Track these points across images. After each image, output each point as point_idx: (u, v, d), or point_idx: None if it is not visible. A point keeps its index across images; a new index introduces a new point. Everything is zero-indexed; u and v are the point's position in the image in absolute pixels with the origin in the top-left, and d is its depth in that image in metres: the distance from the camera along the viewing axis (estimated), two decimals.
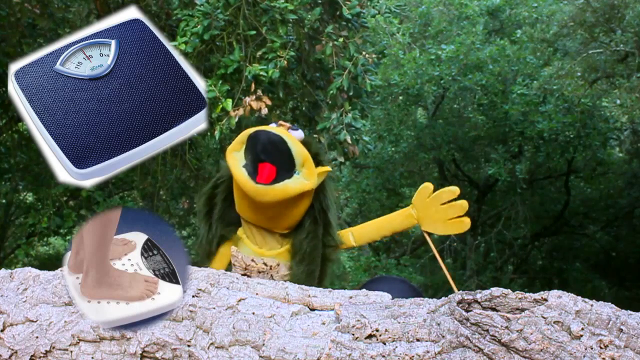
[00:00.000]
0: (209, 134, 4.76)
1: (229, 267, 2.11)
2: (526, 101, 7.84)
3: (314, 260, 2.02)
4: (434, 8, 8.82)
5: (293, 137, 1.95)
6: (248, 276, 2.00)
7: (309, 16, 4.29)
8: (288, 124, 2.02)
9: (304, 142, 2.01)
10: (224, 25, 4.21)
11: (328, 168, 2.04)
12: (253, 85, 4.10)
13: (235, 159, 1.95)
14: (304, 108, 5.44)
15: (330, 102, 4.58)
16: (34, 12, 5.22)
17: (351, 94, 4.37)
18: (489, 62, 7.99)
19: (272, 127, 1.98)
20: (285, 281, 1.97)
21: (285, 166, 1.91)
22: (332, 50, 4.28)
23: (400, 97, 8.76)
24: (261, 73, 4.07)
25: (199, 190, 6.47)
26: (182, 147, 5.47)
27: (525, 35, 8.45)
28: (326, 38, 4.31)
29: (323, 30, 4.41)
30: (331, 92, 4.27)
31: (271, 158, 1.89)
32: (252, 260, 2.04)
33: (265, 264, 2.03)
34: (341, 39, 4.27)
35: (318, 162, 2.02)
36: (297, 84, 5.02)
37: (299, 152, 1.92)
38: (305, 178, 1.93)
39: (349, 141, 4.20)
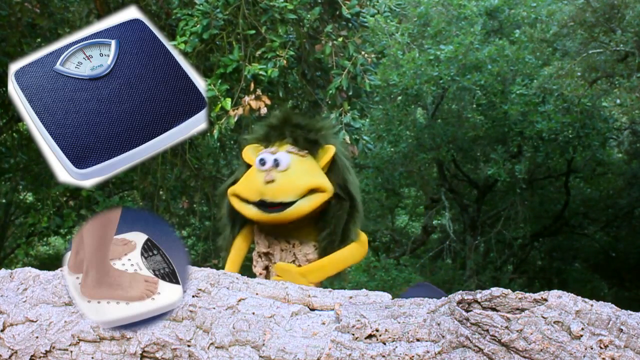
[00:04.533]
0: (208, 133, 4.76)
1: (250, 250, 2.15)
2: (525, 101, 7.83)
3: (336, 230, 2.04)
4: (432, 8, 8.82)
5: (282, 183, 1.96)
6: (271, 255, 2.06)
7: (309, 16, 4.29)
8: (273, 169, 1.99)
9: (296, 135, 2.04)
10: (224, 25, 4.21)
11: (332, 149, 2.06)
12: (252, 85, 4.10)
13: (238, 200, 2.02)
14: (303, 107, 5.44)
15: (329, 101, 4.58)
16: (34, 11, 5.22)
17: (350, 93, 4.37)
18: (487, 63, 7.98)
19: (261, 189, 1.97)
20: (308, 261, 2.04)
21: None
22: (332, 50, 4.28)
23: (400, 97, 8.76)
24: (260, 72, 4.07)
25: (199, 190, 6.49)
26: (182, 146, 5.47)
27: (525, 35, 8.44)
28: (325, 38, 4.31)
29: (322, 29, 4.41)
30: (330, 91, 4.27)
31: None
32: (275, 239, 2.07)
33: (288, 242, 2.07)
34: (340, 39, 4.27)
35: (317, 143, 2.05)
36: (297, 84, 5.02)
37: (297, 192, 1.95)
38: (317, 193, 1.98)
39: (348, 141, 4.20)
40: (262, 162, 2.00)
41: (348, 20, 4.43)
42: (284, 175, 1.97)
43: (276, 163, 1.99)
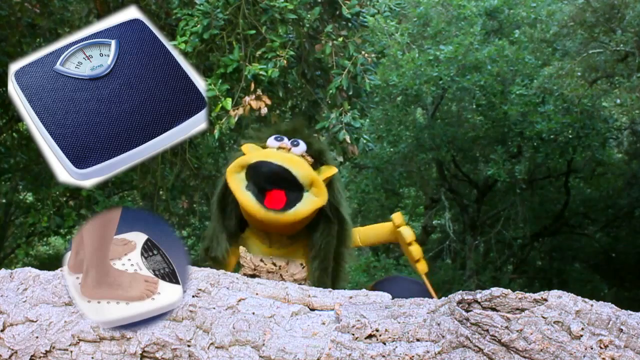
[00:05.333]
0: (208, 133, 4.76)
1: (236, 269, 2.06)
2: (525, 101, 7.83)
3: (328, 256, 1.98)
4: (432, 8, 8.82)
5: (296, 161, 1.88)
6: (258, 277, 1.97)
7: (309, 16, 4.29)
8: (288, 144, 1.95)
9: (308, 144, 1.97)
10: (224, 25, 4.21)
11: (334, 169, 2.00)
12: (253, 85, 4.10)
13: (237, 180, 1.88)
14: (303, 107, 5.44)
15: (329, 101, 4.58)
16: (34, 11, 5.22)
17: (350, 93, 4.37)
18: (487, 63, 7.98)
19: (272, 153, 1.89)
20: (295, 281, 1.96)
21: (294, 189, 1.85)
22: (332, 50, 4.28)
23: (399, 98, 8.77)
24: (261, 72, 4.07)
25: (199, 189, 6.49)
26: (182, 146, 5.47)
27: (524, 35, 8.45)
28: (325, 37, 4.31)
29: (322, 29, 4.41)
30: (330, 91, 4.27)
31: (278, 186, 1.84)
32: (261, 261, 1.99)
33: (275, 264, 2.00)
34: (340, 39, 4.27)
35: (322, 162, 1.99)
36: (297, 84, 5.02)
37: (305, 175, 1.85)
38: (315, 195, 1.87)
39: (348, 140, 4.20)
40: (279, 138, 1.94)
41: (348, 20, 4.44)
42: (298, 158, 1.90)
43: (295, 143, 1.94)
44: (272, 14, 4.15)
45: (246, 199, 1.85)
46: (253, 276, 2.00)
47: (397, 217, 2.12)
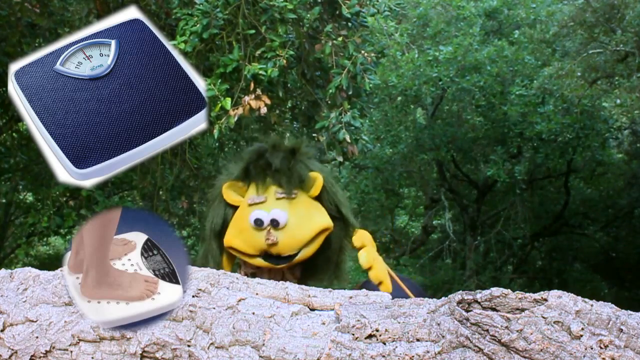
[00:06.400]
0: (208, 133, 4.76)
1: (234, 269, 2.10)
2: (525, 102, 7.83)
3: (335, 250, 2.05)
4: (431, 9, 8.82)
5: (297, 234, 1.94)
6: (259, 276, 1.97)
7: (308, 15, 4.29)
8: (273, 232, 1.93)
9: (284, 157, 1.99)
10: (223, 25, 4.21)
11: (320, 177, 2.01)
12: (252, 85, 4.10)
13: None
14: (303, 107, 5.44)
15: (329, 101, 4.58)
16: (34, 11, 5.22)
17: (350, 93, 4.37)
18: (487, 64, 7.98)
19: (264, 245, 1.93)
20: (295, 278, 2.01)
21: None
22: (332, 50, 4.28)
23: (399, 98, 8.77)
24: (260, 72, 4.07)
25: (198, 190, 6.48)
26: (182, 146, 5.47)
27: (524, 36, 8.45)
28: (325, 37, 4.31)
29: (322, 29, 4.41)
30: (330, 91, 4.27)
31: None
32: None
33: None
34: (340, 38, 4.28)
35: (302, 180, 1.99)
36: (296, 84, 5.02)
37: (308, 237, 1.94)
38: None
39: (348, 140, 4.20)
40: (259, 222, 1.94)
41: (348, 20, 4.44)
42: (285, 232, 1.93)
43: (275, 224, 1.94)
44: (271, 13, 4.16)
45: (254, 262, 1.97)
46: (254, 275, 2.01)
47: (357, 238, 2.06)
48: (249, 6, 4.36)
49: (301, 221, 1.95)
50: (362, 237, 2.07)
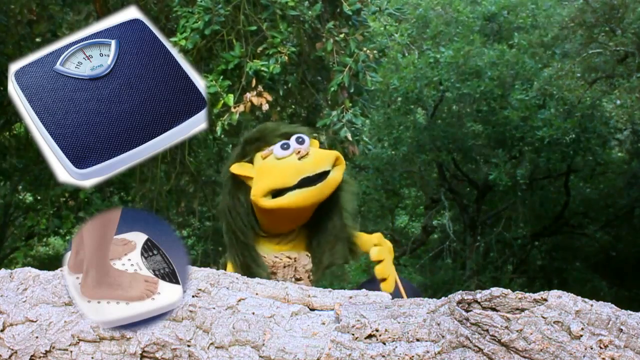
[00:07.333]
0: (209, 131, 4.75)
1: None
2: (525, 105, 7.83)
3: (332, 235, 2.07)
4: (431, 10, 8.83)
5: (319, 158, 1.96)
6: (275, 274, 2.04)
7: (310, 12, 4.28)
8: (301, 147, 1.98)
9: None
10: (224, 22, 4.20)
11: (316, 142, 2.09)
12: (254, 81, 4.09)
13: (267, 199, 1.94)
14: (302, 111, 5.44)
15: (330, 100, 4.58)
16: (32, 18, 5.22)
17: (352, 91, 4.36)
18: (487, 68, 7.98)
19: (299, 166, 1.94)
20: (307, 271, 2.05)
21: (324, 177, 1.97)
22: (333, 47, 4.27)
23: (400, 99, 8.77)
24: (262, 69, 4.06)
25: (197, 194, 6.47)
26: (182, 150, 5.47)
27: (524, 39, 8.45)
28: (327, 34, 4.30)
29: (323, 27, 4.40)
30: (332, 89, 4.26)
31: None
32: (276, 257, 2.05)
33: (289, 257, 2.06)
34: (342, 35, 4.27)
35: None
36: (296, 83, 5.02)
37: (331, 163, 1.96)
38: (339, 167, 2.00)
39: (349, 138, 4.20)
40: (285, 146, 1.96)
41: (349, 18, 4.42)
42: (311, 149, 1.98)
43: (301, 140, 1.98)
44: (273, 10, 4.15)
45: (293, 198, 1.92)
46: (272, 274, 2.06)
47: (376, 237, 2.15)
48: (250, 5, 4.35)
49: (319, 149, 2.03)
50: (379, 237, 2.15)
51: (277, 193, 1.92)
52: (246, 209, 2.03)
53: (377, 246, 2.10)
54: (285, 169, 1.93)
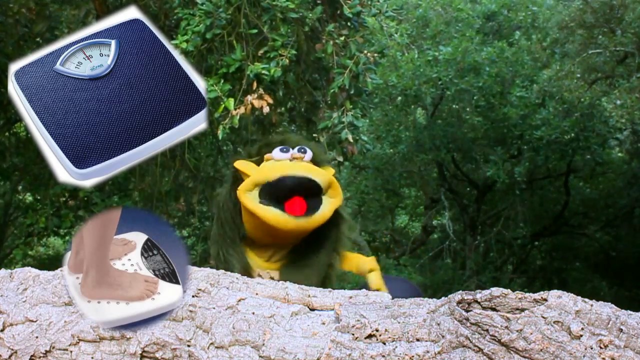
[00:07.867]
0: (212, 134, 4.75)
1: None
2: (525, 104, 7.83)
3: (333, 240, 2.05)
4: (431, 10, 8.83)
5: (314, 169, 1.93)
6: (273, 277, 1.99)
7: (310, 15, 4.28)
8: (299, 153, 1.96)
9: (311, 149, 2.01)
10: (225, 25, 4.20)
11: (332, 170, 2.04)
12: (255, 84, 4.09)
13: (251, 198, 1.90)
14: (302, 109, 5.43)
15: (330, 101, 4.57)
16: (31, 18, 5.21)
17: (352, 92, 4.36)
18: (486, 65, 7.98)
19: (290, 166, 1.92)
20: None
21: (314, 196, 1.91)
22: (333, 49, 4.27)
23: (399, 98, 8.77)
24: (263, 72, 4.06)
25: (197, 192, 6.47)
26: (181, 147, 5.46)
27: (524, 38, 8.46)
28: (327, 37, 4.30)
29: (323, 29, 4.40)
30: (332, 90, 4.26)
31: (298, 194, 1.88)
32: (260, 274, 2.02)
33: (273, 277, 2.00)
34: (342, 38, 4.27)
35: (317, 163, 2.01)
36: (295, 83, 5.01)
37: (325, 180, 1.92)
38: (332, 197, 1.94)
39: (350, 139, 4.20)
40: (285, 149, 1.95)
41: (349, 20, 4.43)
42: (310, 162, 1.96)
43: (303, 150, 1.96)
44: (273, 12, 4.15)
45: (270, 213, 1.87)
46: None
47: (370, 261, 2.11)
48: (251, 7, 4.35)
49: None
50: (373, 261, 2.11)
51: (268, 200, 1.89)
52: (235, 204, 2.02)
53: (372, 271, 2.07)
54: (273, 166, 1.93)
